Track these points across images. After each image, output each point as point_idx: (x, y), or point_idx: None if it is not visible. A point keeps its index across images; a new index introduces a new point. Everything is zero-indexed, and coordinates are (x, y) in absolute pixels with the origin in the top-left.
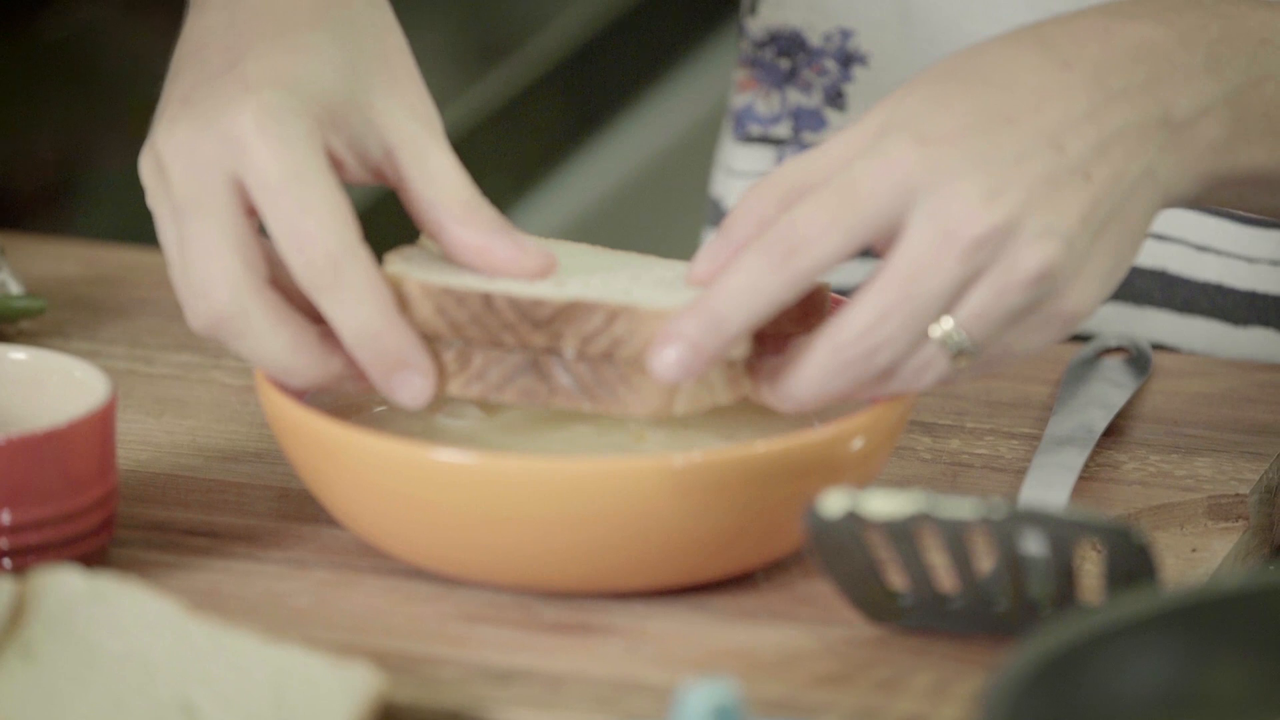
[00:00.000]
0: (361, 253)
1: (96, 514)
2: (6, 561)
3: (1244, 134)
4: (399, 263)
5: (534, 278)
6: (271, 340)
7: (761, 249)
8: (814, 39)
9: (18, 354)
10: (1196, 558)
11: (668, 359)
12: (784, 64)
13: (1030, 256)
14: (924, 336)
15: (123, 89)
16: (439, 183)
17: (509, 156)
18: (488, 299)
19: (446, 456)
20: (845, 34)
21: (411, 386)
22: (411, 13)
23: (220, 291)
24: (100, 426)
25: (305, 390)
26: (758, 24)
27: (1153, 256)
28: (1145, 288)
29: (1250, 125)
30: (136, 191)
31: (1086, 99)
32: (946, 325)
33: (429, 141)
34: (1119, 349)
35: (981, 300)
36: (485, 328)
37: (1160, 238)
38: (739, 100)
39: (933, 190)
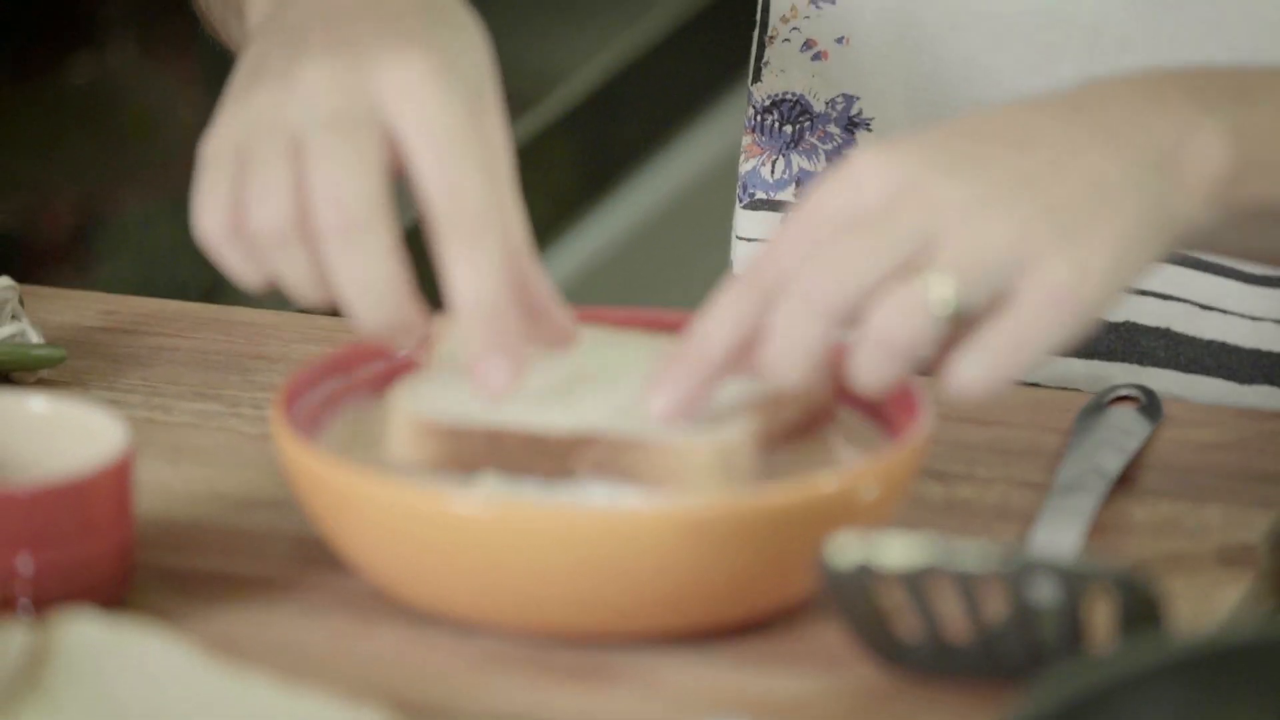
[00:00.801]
0: (502, 226)
1: (115, 562)
2: (26, 609)
3: (1250, 165)
4: (407, 395)
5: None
6: (380, 263)
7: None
8: (818, 105)
9: (37, 403)
10: (1207, 606)
11: (662, 406)
12: (788, 130)
13: (1003, 217)
14: (896, 270)
15: (143, 140)
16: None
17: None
18: (497, 436)
19: (462, 504)
20: (849, 100)
21: (498, 375)
22: None
23: (357, 202)
24: (119, 475)
25: (371, 337)
26: (762, 90)
27: (1156, 316)
28: (1150, 347)
29: (1256, 156)
30: (155, 242)
31: (1039, 114)
32: (934, 273)
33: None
34: (1129, 397)
35: (957, 251)
36: (496, 458)
37: (1164, 297)
38: (745, 165)
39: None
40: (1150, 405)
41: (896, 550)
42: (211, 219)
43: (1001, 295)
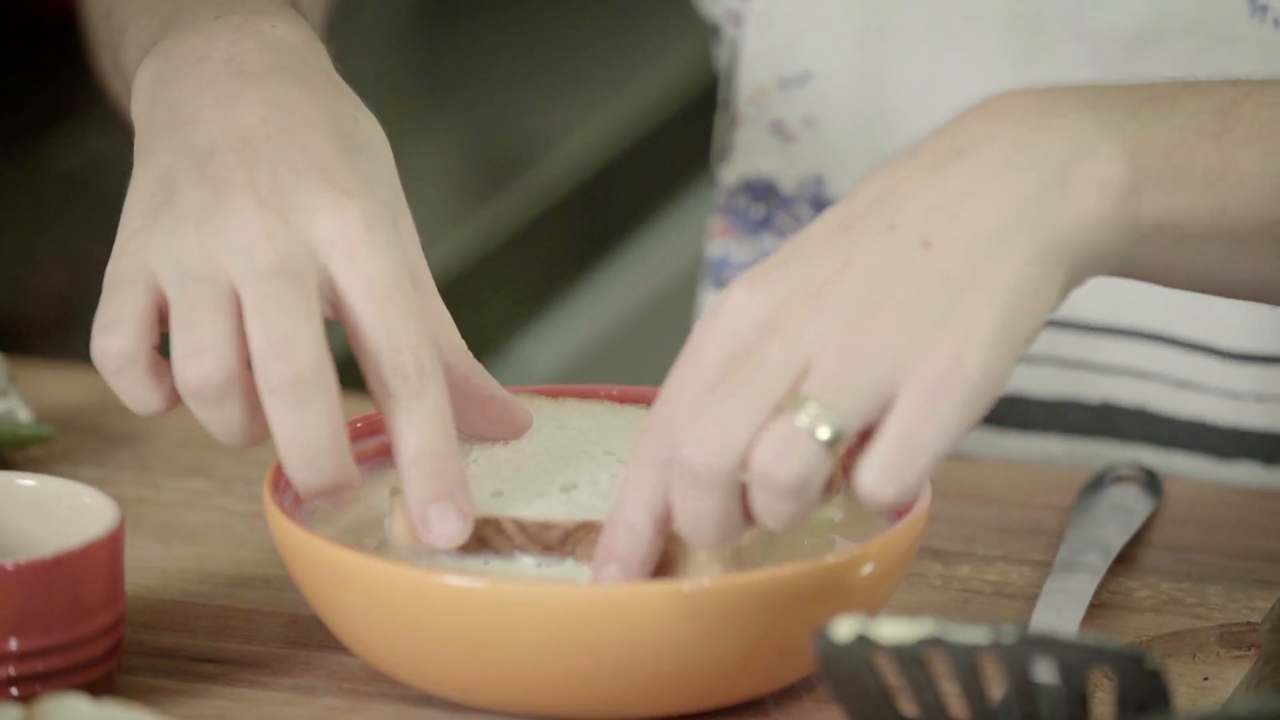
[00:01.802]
0: (442, 374)
1: (104, 640)
2: (13, 689)
3: (1150, 177)
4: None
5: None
6: (328, 419)
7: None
8: (787, 186)
9: (26, 480)
10: (1208, 686)
11: (608, 575)
12: (758, 211)
13: (865, 329)
14: (770, 414)
15: None
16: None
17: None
18: (496, 524)
19: (455, 582)
20: (819, 181)
21: (448, 523)
22: (417, 136)
23: (308, 355)
24: (108, 553)
25: (307, 496)
26: (731, 172)
27: (1133, 394)
28: (1127, 426)
29: (1155, 168)
30: None
31: (904, 174)
32: (801, 405)
33: (432, 282)
34: (1130, 476)
35: (824, 376)
36: (494, 547)
37: (1140, 375)
38: (714, 248)
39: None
40: (1151, 484)
41: (895, 624)
42: (118, 342)
43: (888, 399)
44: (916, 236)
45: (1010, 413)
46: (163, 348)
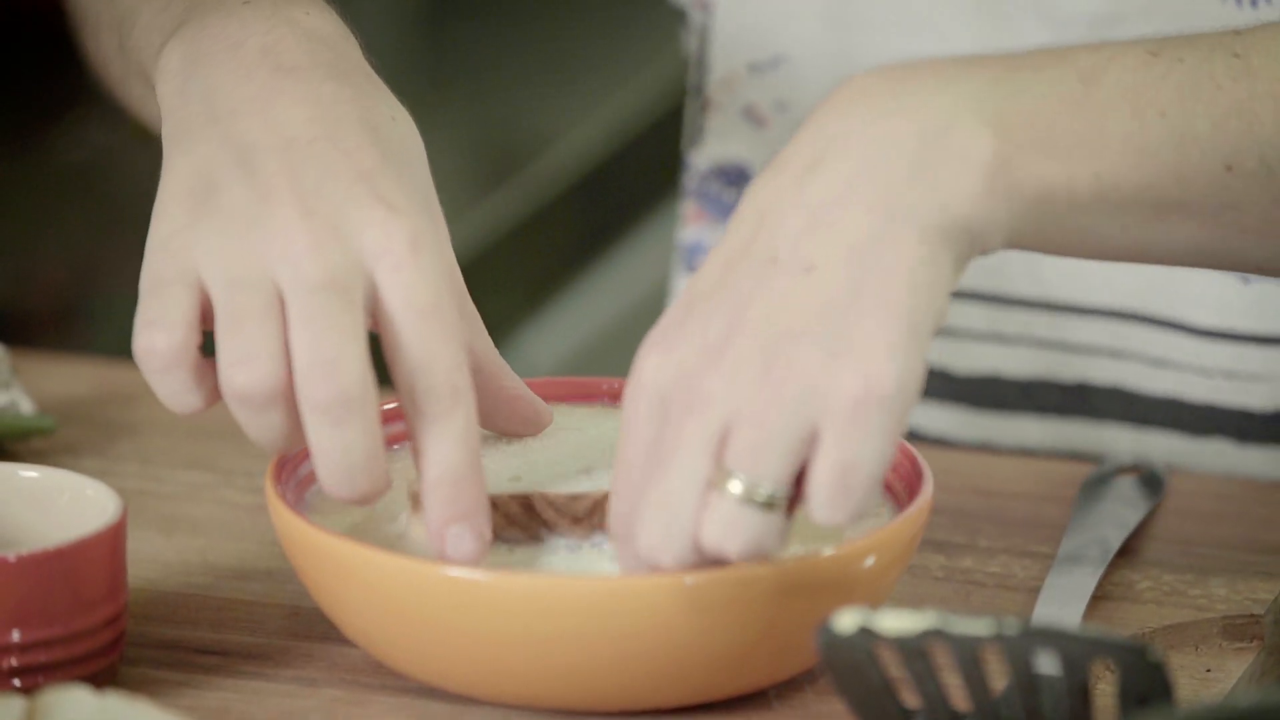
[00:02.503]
0: (473, 397)
1: (106, 632)
2: (16, 680)
3: (1017, 146)
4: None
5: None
6: (366, 437)
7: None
8: (758, 170)
9: (28, 472)
10: (1211, 678)
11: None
12: (730, 195)
13: (768, 382)
14: (703, 491)
15: (134, 208)
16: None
17: (513, 279)
18: (527, 503)
19: (458, 574)
20: None
21: (465, 544)
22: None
23: (352, 375)
24: (110, 545)
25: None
26: (702, 157)
27: (1108, 373)
28: (1103, 405)
29: (1020, 137)
30: None
31: (776, 192)
32: (728, 479)
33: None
34: (1132, 468)
35: (741, 441)
36: (524, 528)
37: (1115, 354)
38: (687, 233)
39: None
40: (1153, 476)
41: (897, 619)
42: (164, 341)
43: (811, 438)
44: (798, 264)
45: (986, 393)
46: (205, 347)
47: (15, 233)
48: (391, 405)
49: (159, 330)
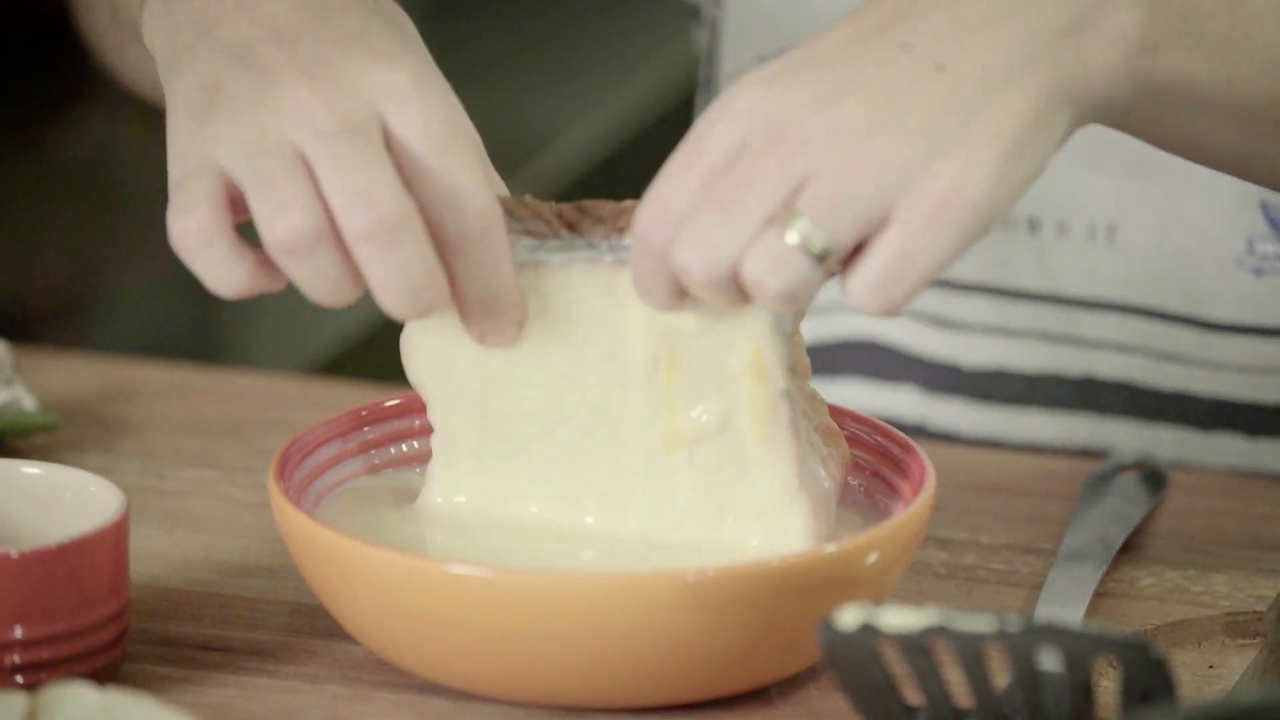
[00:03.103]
0: (502, 218)
1: (109, 629)
2: (18, 677)
3: (1165, 36)
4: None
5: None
6: (420, 254)
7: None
8: None
9: (31, 469)
10: (1213, 675)
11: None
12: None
13: (868, 147)
14: (762, 225)
15: (136, 204)
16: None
17: None
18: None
19: (459, 571)
20: None
21: (506, 333)
22: None
23: (389, 198)
24: (113, 541)
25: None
26: None
27: (1115, 368)
28: (1110, 399)
29: (1170, 27)
30: (150, 305)
31: (955, 15)
32: (793, 220)
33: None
34: (1135, 465)
35: (820, 190)
36: (549, 224)
37: (1122, 349)
38: None
39: (768, 100)
40: (1156, 473)
41: (899, 616)
42: (195, 219)
43: (883, 218)
44: (930, 59)
45: (993, 387)
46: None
47: (18, 229)
48: (394, 402)
49: (188, 213)
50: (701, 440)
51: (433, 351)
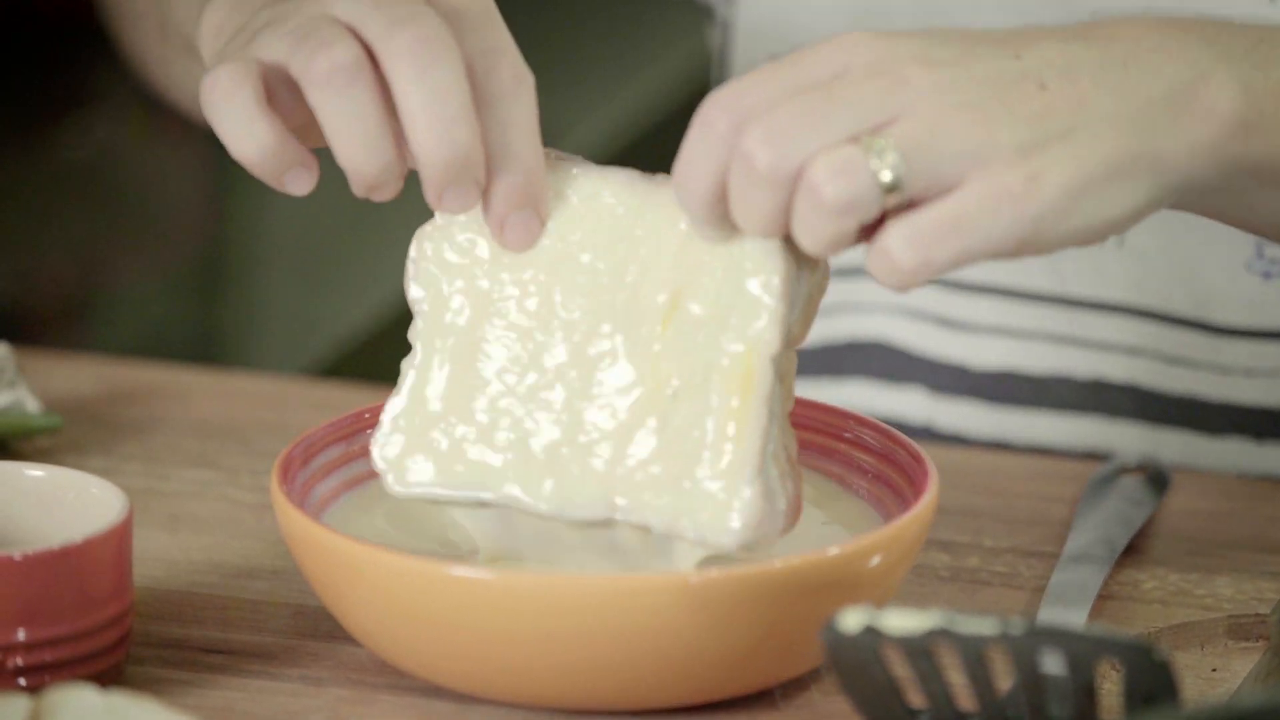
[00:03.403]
0: (534, 88)
1: (112, 631)
2: (21, 679)
3: (1260, 118)
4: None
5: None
6: (457, 82)
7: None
8: None
9: (34, 471)
10: (1217, 678)
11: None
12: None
13: (965, 113)
14: (844, 138)
15: (139, 206)
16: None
17: None
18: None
19: (462, 573)
20: None
21: (531, 229)
22: None
23: (429, 21)
24: (116, 543)
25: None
26: None
27: (1123, 370)
28: (1117, 402)
29: (1265, 110)
30: (153, 307)
31: (1039, 30)
32: (875, 143)
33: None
34: (1138, 467)
35: (909, 129)
36: None
37: (1130, 351)
38: None
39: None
40: (1158, 475)
41: (902, 618)
42: (226, 71)
43: (954, 182)
44: (1036, 75)
45: (1001, 389)
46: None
47: (21, 231)
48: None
49: (221, 67)
50: (676, 401)
51: (441, 255)
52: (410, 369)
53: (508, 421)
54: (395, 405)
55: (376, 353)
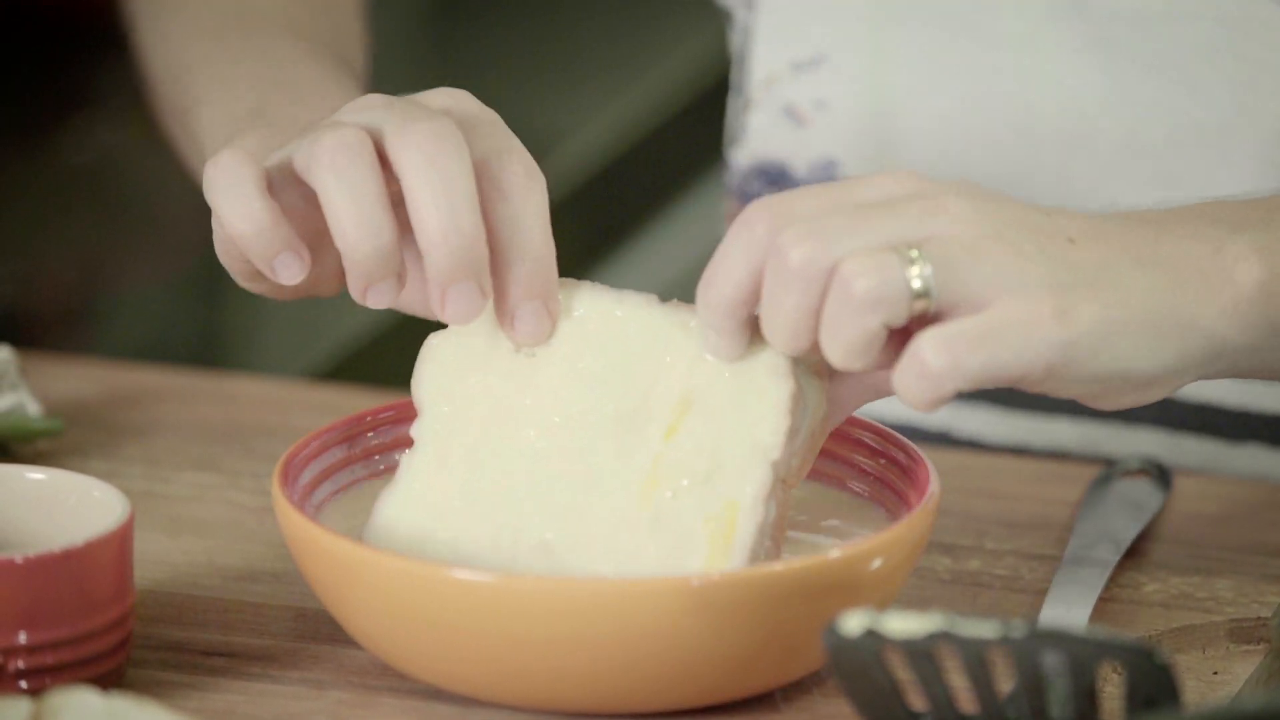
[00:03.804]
0: (545, 185)
1: (113, 634)
2: (23, 682)
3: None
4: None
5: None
6: (465, 170)
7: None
8: (799, 169)
9: (36, 474)
10: (1218, 680)
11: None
12: (770, 194)
13: (997, 244)
14: (880, 245)
15: (141, 210)
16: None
17: None
18: None
19: (464, 576)
20: (830, 164)
21: (540, 323)
22: None
23: (446, 124)
24: (117, 546)
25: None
26: (743, 155)
27: None
28: (1136, 409)
29: None
30: (154, 311)
31: (1087, 215)
32: (910, 252)
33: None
34: (1139, 470)
35: (944, 248)
36: None
37: None
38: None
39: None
40: (1160, 478)
41: (904, 618)
42: (229, 154)
43: (976, 305)
44: (1064, 230)
45: (1019, 395)
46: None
47: (22, 234)
48: (387, 412)
49: (225, 150)
50: (676, 497)
51: (449, 362)
52: (410, 464)
53: (502, 520)
54: (389, 496)
55: (377, 356)
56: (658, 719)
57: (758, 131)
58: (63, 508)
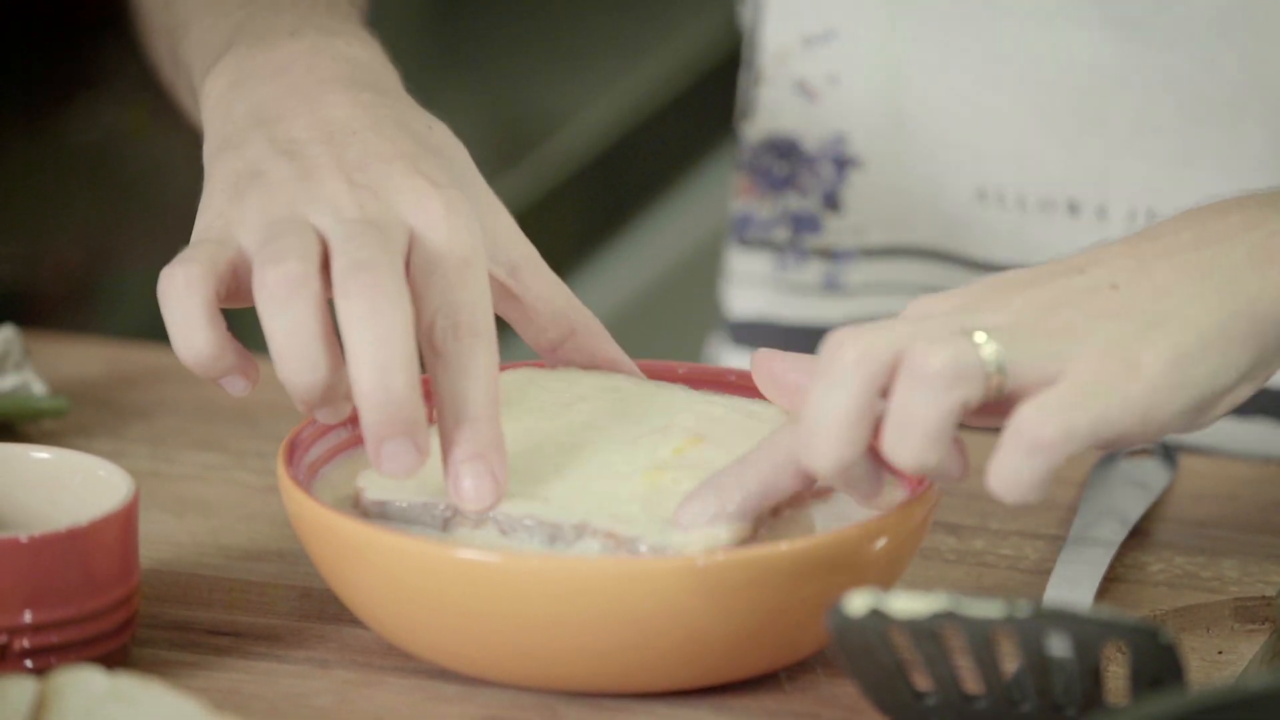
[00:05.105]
0: (495, 341)
1: (118, 613)
2: (28, 661)
3: None
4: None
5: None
6: (405, 333)
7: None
8: (809, 144)
9: (41, 454)
10: (1223, 660)
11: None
12: (781, 169)
13: (1047, 318)
14: (940, 326)
15: (147, 190)
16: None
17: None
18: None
19: (469, 555)
20: (841, 139)
21: (481, 485)
22: (434, 112)
23: (390, 277)
24: (122, 526)
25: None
26: (754, 130)
27: None
28: None
29: None
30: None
31: (1107, 246)
32: (979, 333)
33: (541, 260)
34: (1144, 450)
35: (1007, 333)
36: None
37: None
38: (738, 205)
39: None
40: (1165, 457)
41: (909, 598)
42: (183, 269)
43: (1049, 378)
44: (1105, 280)
45: None
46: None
47: (27, 214)
48: None
49: (180, 264)
50: (677, 485)
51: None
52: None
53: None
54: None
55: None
56: (662, 699)
57: (769, 106)
58: (67, 487)
